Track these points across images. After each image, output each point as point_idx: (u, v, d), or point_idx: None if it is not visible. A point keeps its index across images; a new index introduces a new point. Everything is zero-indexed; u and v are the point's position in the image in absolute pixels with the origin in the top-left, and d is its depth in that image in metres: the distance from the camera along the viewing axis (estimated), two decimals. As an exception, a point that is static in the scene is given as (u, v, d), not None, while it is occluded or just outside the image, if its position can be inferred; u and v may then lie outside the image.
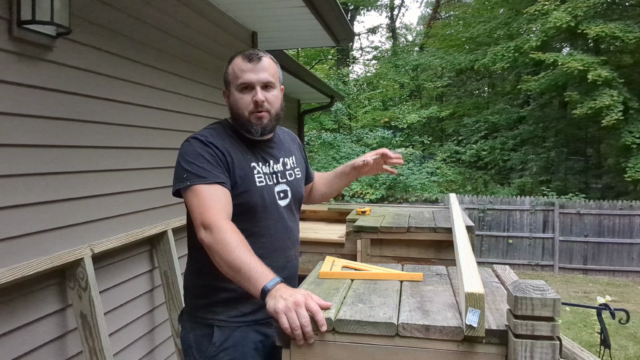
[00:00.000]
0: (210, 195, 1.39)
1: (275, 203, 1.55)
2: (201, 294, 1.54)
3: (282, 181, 1.59)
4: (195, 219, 1.39)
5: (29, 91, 1.95)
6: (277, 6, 3.70)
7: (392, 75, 18.03)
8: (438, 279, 1.47)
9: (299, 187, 1.68)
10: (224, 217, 1.36)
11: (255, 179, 1.51)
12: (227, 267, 1.29)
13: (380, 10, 22.86)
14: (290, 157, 1.69)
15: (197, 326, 1.53)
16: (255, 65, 1.50)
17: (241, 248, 1.29)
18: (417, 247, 2.69)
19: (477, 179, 14.51)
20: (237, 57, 1.54)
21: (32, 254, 1.95)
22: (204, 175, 1.42)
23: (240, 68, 1.50)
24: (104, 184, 2.42)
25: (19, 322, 1.93)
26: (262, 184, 1.53)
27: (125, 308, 2.61)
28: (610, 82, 11.36)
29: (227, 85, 1.56)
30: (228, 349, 1.47)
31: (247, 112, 1.50)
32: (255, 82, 1.49)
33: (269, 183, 1.55)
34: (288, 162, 1.66)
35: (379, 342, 1.11)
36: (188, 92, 3.20)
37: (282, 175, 1.61)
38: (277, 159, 1.62)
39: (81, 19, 2.21)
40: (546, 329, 0.99)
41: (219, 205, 1.38)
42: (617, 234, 9.74)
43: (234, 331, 1.49)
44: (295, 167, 1.69)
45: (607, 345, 2.64)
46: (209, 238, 1.33)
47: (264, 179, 1.54)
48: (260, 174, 1.53)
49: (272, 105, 1.53)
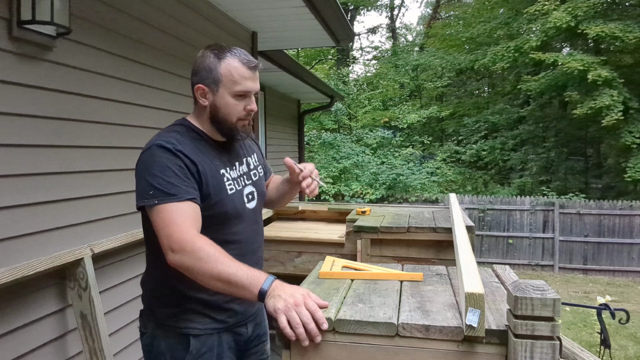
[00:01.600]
0: (179, 214, 1.29)
1: (244, 207, 1.51)
2: (171, 302, 1.46)
3: (248, 183, 1.55)
4: (162, 241, 1.29)
5: (29, 91, 1.95)
6: (277, 6, 3.70)
7: (392, 75, 18.03)
8: (438, 279, 1.47)
9: (263, 186, 1.65)
10: (194, 234, 1.28)
11: (227, 187, 1.46)
12: (215, 281, 1.24)
13: (380, 10, 22.86)
14: (252, 156, 1.64)
15: (169, 334, 1.46)
16: (254, 73, 1.45)
17: (222, 259, 1.24)
18: (417, 247, 2.69)
19: (477, 179, 14.51)
20: (232, 58, 1.43)
21: (32, 254, 1.95)
22: (172, 193, 1.31)
23: (241, 75, 1.42)
24: (104, 184, 2.42)
25: (19, 322, 1.93)
26: (232, 191, 1.47)
27: (125, 308, 2.61)
28: (610, 82, 11.36)
29: (215, 85, 1.44)
30: (205, 354, 1.45)
31: (235, 119, 1.45)
32: (252, 91, 1.45)
33: (237, 188, 1.50)
34: (251, 161, 1.62)
35: (379, 342, 1.11)
36: (188, 92, 3.18)
37: (248, 176, 1.57)
38: (241, 159, 1.58)
39: (81, 19, 2.21)
40: (546, 329, 0.98)
41: (188, 223, 1.29)
42: (617, 234, 9.74)
43: (209, 337, 1.47)
44: (258, 165, 1.65)
45: (607, 345, 2.64)
46: (183, 260, 1.25)
47: (233, 185, 1.48)
48: (229, 180, 1.48)
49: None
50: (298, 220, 3.89)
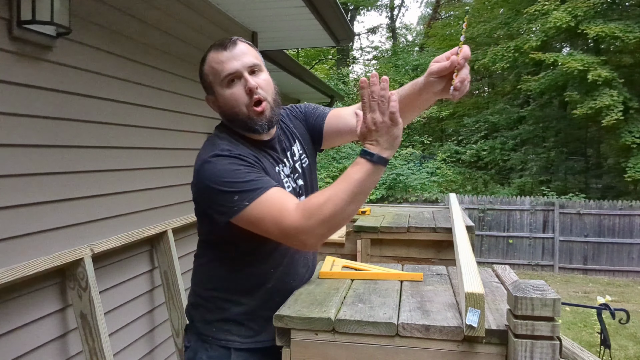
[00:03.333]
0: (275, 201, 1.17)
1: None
2: (212, 308, 1.36)
3: (296, 177, 1.44)
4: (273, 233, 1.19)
5: (29, 91, 1.95)
6: (277, 6, 3.70)
7: (392, 75, 18.01)
8: (438, 279, 1.47)
9: (310, 173, 1.50)
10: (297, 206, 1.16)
11: (285, 186, 1.35)
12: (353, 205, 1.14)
13: (380, 10, 22.86)
14: (294, 144, 1.47)
15: (210, 347, 1.35)
16: (232, 51, 1.28)
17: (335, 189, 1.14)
18: (417, 247, 2.69)
19: (477, 179, 14.50)
20: (209, 53, 1.32)
21: (32, 254, 1.95)
22: (256, 187, 1.18)
23: (218, 60, 1.28)
24: (104, 184, 2.42)
25: (19, 322, 1.93)
26: (289, 189, 1.37)
27: (125, 308, 2.60)
28: (610, 82, 11.36)
29: (209, 89, 1.34)
30: None
31: (244, 107, 1.28)
32: (241, 68, 1.27)
33: (292, 185, 1.40)
34: (295, 151, 1.46)
35: (379, 342, 1.11)
36: (188, 92, 3.20)
37: (294, 170, 1.44)
38: (286, 152, 1.43)
39: (81, 19, 2.21)
40: (546, 329, 0.98)
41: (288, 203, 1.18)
42: (617, 234, 9.74)
43: (252, 355, 1.34)
44: (301, 153, 1.48)
45: (607, 345, 2.64)
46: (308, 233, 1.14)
47: (289, 183, 1.39)
48: (286, 178, 1.38)
49: (267, 91, 1.30)
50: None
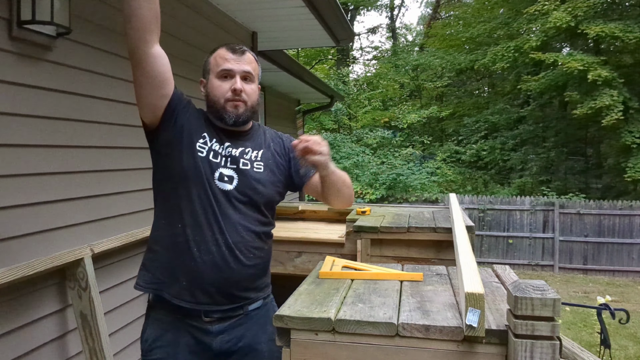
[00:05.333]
0: None
1: (210, 180, 1.47)
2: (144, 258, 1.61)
3: (230, 166, 1.51)
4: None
5: (29, 91, 1.95)
6: (277, 6, 3.70)
7: (392, 75, 18.02)
8: (438, 279, 1.47)
9: (253, 180, 1.52)
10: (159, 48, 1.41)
11: (197, 147, 1.49)
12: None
13: (380, 10, 22.84)
14: (255, 150, 1.57)
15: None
16: (238, 56, 1.52)
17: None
18: (417, 247, 2.69)
19: (477, 179, 14.50)
20: (220, 48, 1.56)
21: (32, 254, 1.95)
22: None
23: (223, 57, 1.52)
24: (104, 184, 2.42)
25: (19, 322, 1.93)
26: (202, 154, 1.48)
27: (125, 308, 2.60)
28: (610, 82, 11.35)
29: (206, 74, 1.57)
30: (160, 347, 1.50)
31: (222, 100, 1.50)
32: (236, 71, 1.51)
33: (211, 159, 1.49)
34: (250, 153, 1.56)
35: (379, 342, 1.11)
36: (188, 92, 3.19)
37: (233, 161, 1.52)
38: (237, 146, 1.54)
39: (81, 19, 2.21)
40: (546, 329, 0.99)
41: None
42: (617, 234, 9.73)
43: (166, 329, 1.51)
44: (257, 160, 1.56)
45: (607, 345, 2.64)
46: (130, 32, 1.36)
47: (206, 153, 1.49)
48: (206, 146, 1.50)
49: (249, 97, 1.53)
50: (298, 220, 3.88)
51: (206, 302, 1.47)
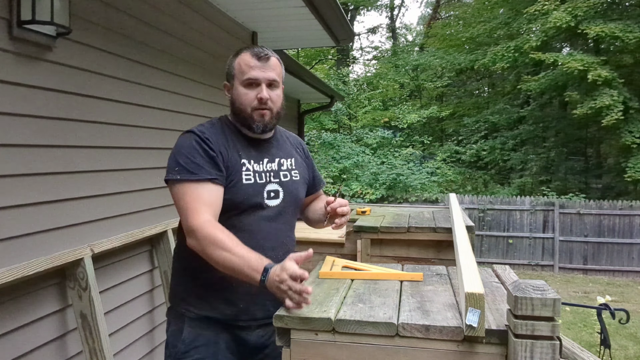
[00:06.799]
0: (198, 195, 1.41)
1: (262, 202, 1.53)
2: (183, 283, 1.57)
3: (274, 181, 1.56)
4: (182, 222, 1.44)
5: (29, 91, 1.95)
6: (277, 6, 3.70)
7: (392, 75, 18.02)
8: (438, 279, 1.47)
9: (294, 189, 1.63)
10: (208, 219, 1.38)
11: (243, 176, 1.51)
12: (222, 268, 1.35)
13: (380, 10, 22.84)
14: (288, 159, 1.65)
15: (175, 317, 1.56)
16: (264, 63, 1.52)
17: (228, 248, 1.32)
18: (417, 247, 2.69)
19: (477, 179, 14.50)
20: (244, 52, 1.54)
21: (32, 254, 1.95)
22: (195, 171, 1.43)
23: (248, 64, 1.51)
24: (104, 184, 2.42)
25: (19, 322, 1.93)
26: (249, 181, 1.51)
27: (125, 308, 2.60)
28: (610, 82, 11.35)
29: (231, 79, 1.57)
30: (198, 347, 1.50)
31: (249, 109, 1.51)
32: (262, 79, 1.51)
33: (258, 181, 1.53)
34: (285, 162, 1.63)
35: (379, 342, 1.11)
36: (188, 92, 3.20)
37: (275, 174, 1.58)
38: (273, 158, 1.60)
39: (81, 19, 2.21)
40: (546, 329, 0.99)
41: (203, 209, 1.39)
42: (617, 234, 9.73)
43: (202, 323, 1.52)
44: (293, 169, 1.64)
45: (607, 345, 2.64)
46: (195, 244, 1.38)
47: (252, 177, 1.52)
48: (249, 172, 1.53)
49: (275, 104, 1.54)
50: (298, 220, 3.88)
51: (261, 317, 1.53)
